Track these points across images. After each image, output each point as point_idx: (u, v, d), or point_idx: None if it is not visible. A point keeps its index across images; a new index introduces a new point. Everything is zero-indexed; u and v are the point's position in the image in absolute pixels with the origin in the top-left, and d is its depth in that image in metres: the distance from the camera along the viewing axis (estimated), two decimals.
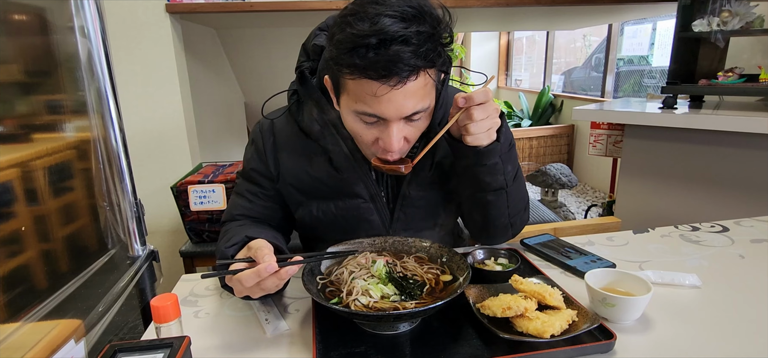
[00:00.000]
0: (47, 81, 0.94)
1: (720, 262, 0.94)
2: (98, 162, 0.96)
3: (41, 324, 0.78)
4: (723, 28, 1.87)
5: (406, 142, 0.81)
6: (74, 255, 0.95)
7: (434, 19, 0.72)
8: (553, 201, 3.98)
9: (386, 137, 0.77)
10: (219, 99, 3.29)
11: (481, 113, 0.77)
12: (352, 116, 0.79)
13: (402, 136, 0.79)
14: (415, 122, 0.80)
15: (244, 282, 0.68)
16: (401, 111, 0.74)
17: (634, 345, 0.67)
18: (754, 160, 1.81)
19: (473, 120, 0.77)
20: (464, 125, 0.78)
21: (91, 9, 0.87)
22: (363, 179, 0.91)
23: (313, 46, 0.92)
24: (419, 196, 0.94)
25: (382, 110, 0.74)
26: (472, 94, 0.76)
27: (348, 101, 0.77)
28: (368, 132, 0.79)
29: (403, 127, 0.78)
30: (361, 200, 0.93)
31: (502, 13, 2.66)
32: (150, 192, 2.21)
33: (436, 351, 0.66)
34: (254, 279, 0.67)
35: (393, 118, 0.75)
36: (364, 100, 0.74)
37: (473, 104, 0.76)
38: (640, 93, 4.63)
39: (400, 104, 0.73)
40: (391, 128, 0.77)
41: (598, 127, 2.47)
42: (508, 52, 7.28)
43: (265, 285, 0.69)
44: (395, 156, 0.82)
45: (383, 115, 0.75)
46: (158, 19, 2.02)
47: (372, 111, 0.75)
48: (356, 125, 0.80)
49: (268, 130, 0.95)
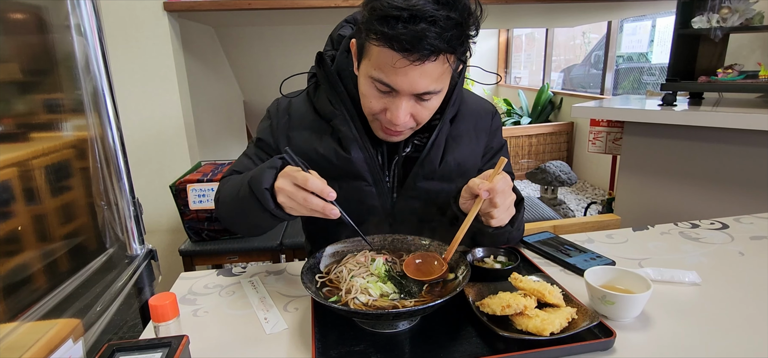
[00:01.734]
0: (44, 80, 0.94)
1: (720, 259, 0.93)
2: (95, 161, 0.96)
3: (39, 324, 0.77)
4: (722, 24, 1.87)
5: (413, 120, 0.84)
6: (72, 254, 0.94)
7: (465, 9, 0.75)
8: (552, 199, 3.98)
9: (394, 109, 0.81)
10: (218, 98, 3.29)
11: (502, 199, 0.80)
12: (368, 81, 0.82)
13: (409, 113, 0.82)
14: (425, 103, 0.82)
15: (309, 183, 0.72)
16: (414, 87, 0.77)
17: (633, 343, 0.67)
18: (754, 157, 1.81)
19: (496, 207, 0.80)
20: (488, 212, 0.81)
21: (87, 7, 0.87)
22: (369, 162, 0.93)
23: (337, 36, 0.97)
24: (424, 188, 0.95)
25: (397, 82, 0.77)
26: (495, 186, 0.78)
27: (367, 66, 0.80)
28: (378, 100, 0.82)
29: (412, 104, 0.81)
30: (364, 182, 0.94)
31: (501, 10, 2.65)
32: (149, 191, 2.21)
33: (435, 349, 0.66)
34: (316, 189, 0.72)
35: (404, 93, 0.79)
36: (382, 69, 0.77)
37: (496, 194, 0.79)
38: (640, 90, 4.63)
39: (414, 80, 0.76)
40: (401, 102, 0.80)
41: (598, 125, 2.47)
42: (507, 49, 7.28)
43: (312, 201, 0.73)
44: (399, 130, 0.85)
45: (396, 86, 0.77)
46: (156, 18, 2.02)
47: (387, 81, 0.78)
48: (369, 90, 0.82)
49: (285, 108, 1.00)
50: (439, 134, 0.94)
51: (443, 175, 0.95)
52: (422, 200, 0.96)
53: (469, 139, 0.98)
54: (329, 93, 0.93)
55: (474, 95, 1.05)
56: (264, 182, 0.78)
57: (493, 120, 1.04)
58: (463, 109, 0.99)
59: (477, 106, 1.03)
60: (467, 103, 1.00)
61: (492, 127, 1.04)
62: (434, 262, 0.79)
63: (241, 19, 2.47)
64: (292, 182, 0.75)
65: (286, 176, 0.76)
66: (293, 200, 0.75)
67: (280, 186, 0.76)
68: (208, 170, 2.02)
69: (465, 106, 0.99)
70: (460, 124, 0.98)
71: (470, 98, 1.03)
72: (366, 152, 0.92)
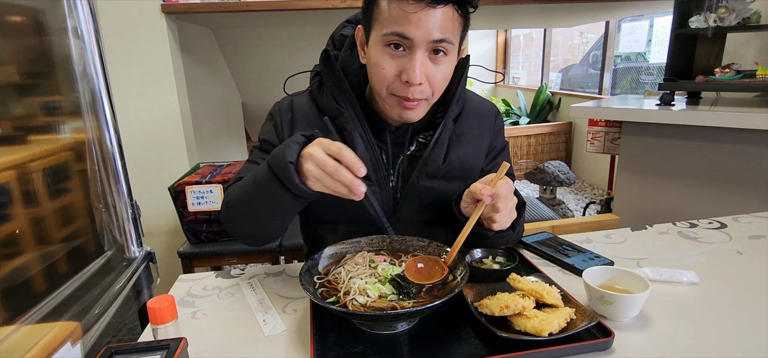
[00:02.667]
0: (42, 83, 0.94)
1: (718, 258, 0.94)
2: (93, 164, 0.96)
3: (38, 327, 0.77)
4: (720, 24, 1.87)
5: (428, 84, 0.83)
6: (70, 257, 0.94)
7: None
8: (551, 199, 3.99)
9: (410, 67, 0.79)
10: (216, 99, 3.29)
11: (505, 204, 0.80)
12: (380, 47, 0.81)
13: (425, 69, 0.81)
14: (439, 64, 0.82)
15: (344, 154, 0.71)
16: (429, 34, 0.77)
17: (632, 343, 0.67)
18: (752, 157, 1.81)
19: (499, 211, 0.80)
20: (490, 216, 0.81)
21: (84, 10, 0.87)
22: (374, 161, 0.92)
23: (339, 37, 0.96)
24: (427, 187, 0.95)
25: (411, 30, 0.77)
26: (498, 191, 0.78)
27: (379, 28, 0.80)
28: (392, 64, 0.81)
29: (426, 62, 0.81)
30: (368, 182, 0.92)
31: (499, 10, 2.66)
32: (147, 193, 2.21)
33: (434, 351, 0.66)
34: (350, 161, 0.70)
35: (420, 42, 0.78)
36: (394, 20, 0.77)
37: (499, 199, 0.79)
38: (638, 90, 4.64)
39: (428, 27, 0.76)
40: (416, 55, 0.79)
41: (596, 125, 2.47)
42: (505, 49, 7.28)
43: (342, 174, 0.71)
44: (415, 94, 0.83)
45: (410, 34, 0.77)
46: (154, 20, 2.02)
47: (401, 30, 0.77)
48: (381, 56, 0.81)
49: (287, 107, 0.98)
50: (443, 132, 0.93)
51: (446, 174, 0.95)
52: (425, 199, 0.96)
53: (473, 139, 0.98)
54: (334, 91, 0.92)
55: (477, 95, 1.06)
56: (288, 155, 0.75)
57: (496, 120, 1.05)
58: (467, 108, 0.99)
59: (480, 106, 1.03)
60: (471, 102, 1.01)
61: (495, 128, 1.04)
62: (435, 266, 0.79)
63: (238, 20, 2.47)
64: (325, 150, 0.72)
65: (318, 144, 0.74)
66: (322, 169, 0.72)
67: (310, 152, 0.73)
68: (206, 172, 2.02)
69: (469, 105, 1.00)
70: (464, 123, 0.98)
71: (473, 98, 1.03)
72: (371, 151, 0.92)
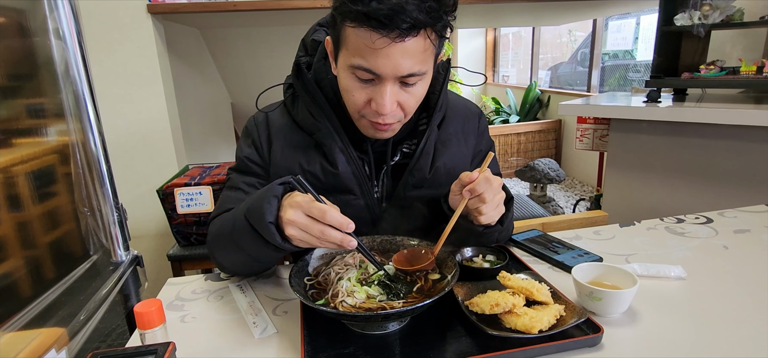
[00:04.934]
0: (25, 85, 0.92)
1: (704, 253, 0.95)
2: (77, 167, 0.94)
3: (22, 333, 0.76)
4: (704, 21, 1.90)
5: (400, 109, 0.80)
6: (56, 262, 0.92)
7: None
8: (541, 196, 4.02)
9: (379, 98, 0.76)
10: (205, 100, 3.26)
11: (491, 194, 0.79)
12: (347, 73, 0.77)
13: (395, 100, 0.77)
14: (411, 88, 0.78)
15: (328, 217, 0.67)
16: (397, 69, 0.73)
17: (621, 338, 0.68)
18: (737, 152, 1.84)
19: (485, 202, 0.79)
20: (476, 208, 0.80)
21: (65, 10, 0.85)
22: (357, 174, 0.90)
23: (311, 41, 0.92)
24: (414, 197, 0.93)
25: (378, 65, 0.72)
26: (476, 186, 0.77)
27: (346, 56, 0.75)
28: (361, 91, 0.77)
29: (397, 90, 0.77)
30: (352, 196, 0.91)
31: (488, 9, 2.67)
32: (135, 196, 2.18)
33: (425, 350, 0.66)
34: (335, 222, 0.67)
35: (388, 76, 0.74)
36: (361, 53, 0.72)
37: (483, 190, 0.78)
38: (625, 87, 4.69)
39: (397, 62, 0.72)
40: (385, 88, 0.75)
41: (585, 122, 2.49)
42: (495, 48, 7.32)
43: (330, 234, 0.68)
44: (387, 122, 0.80)
45: (378, 70, 0.73)
46: (140, 20, 1.99)
47: (368, 65, 0.73)
48: (350, 82, 0.77)
49: (263, 122, 0.95)
50: (428, 141, 0.92)
51: (433, 183, 0.93)
52: (412, 208, 0.94)
53: (458, 142, 0.97)
54: (309, 105, 0.89)
55: (458, 96, 1.04)
56: (267, 216, 0.71)
57: (480, 121, 1.03)
58: (450, 113, 0.97)
59: (463, 107, 1.02)
60: (453, 105, 0.99)
61: (479, 129, 1.03)
62: (422, 251, 0.80)
63: (226, 20, 2.45)
64: (306, 213, 0.69)
65: (298, 207, 0.69)
66: (308, 233, 0.69)
67: (290, 219, 0.69)
68: (195, 174, 2.00)
69: (451, 109, 0.98)
70: (448, 127, 0.96)
71: (455, 100, 1.02)
72: (353, 164, 0.89)
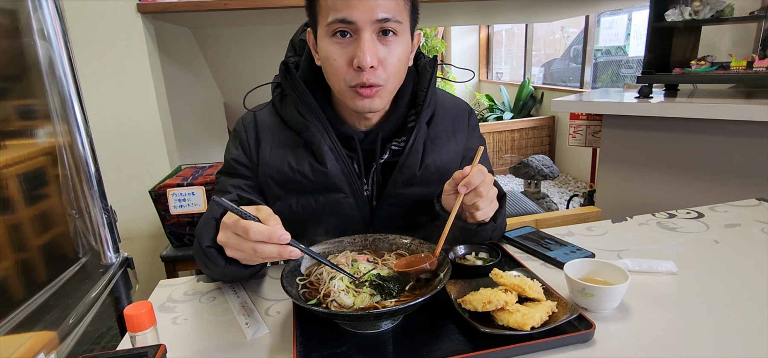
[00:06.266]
0: (13, 86, 0.91)
1: (695, 248, 0.95)
2: (65, 169, 0.93)
3: (11, 337, 0.75)
4: (694, 17, 1.91)
5: (382, 68, 0.80)
6: (45, 265, 0.91)
7: None
8: (535, 192, 4.03)
9: (359, 51, 0.76)
10: (197, 100, 3.23)
11: (486, 188, 0.79)
12: (326, 40, 0.79)
13: (375, 51, 0.78)
14: (390, 45, 0.79)
15: (251, 234, 0.64)
16: (372, 13, 0.75)
17: (613, 333, 0.68)
18: (728, 147, 1.85)
19: (482, 196, 0.79)
20: (473, 203, 0.80)
21: (49, 10, 0.83)
22: (346, 172, 0.90)
23: (299, 41, 0.93)
24: (405, 195, 0.93)
25: (353, 13, 0.74)
26: (471, 178, 0.77)
27: (322, 22, 0.77)
28: (343, 52, 0.79)
29: (376, 42, 0.78)
30: (342, 194, 0.91)
31: (481, 6, 2.67)
32: (127, 197, 2.16)
33: (418, 348, 0.66)
34: (262, 237, 0.65)
35: (364, 24, 0.75)
36: (335, 7, 0.75)
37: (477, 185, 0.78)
38: (618, 83, 4.71)
39: (370, 6, 0.74)
40: (363, 37, 0.76)
41: (578, 118, 2.50)
42: (488, 45, 7.33)
43: (264, 250, 0.65)
44: (370, 80, 0.79)
45: (352, 16, 0.74)
46: (130, 20, 1.97)
47: (342, 15, 0.75)
48: (330, 48, 0.79)
49: (251, 122, 0.95)
50: (417, 138, 0.92)
51: (423, 180, 0.93)
52: (402, 206, 0.94)
53: (448, 140, 0.97)
54: (298, 104, 0.89)
55: (448, 94, 1.04)
56: (204, 240, 0.71)
57: (470, 119, 1.03)
58: (439, 110, 0.97)
59: (452, 105, 1.02)
60: (442, 103, 0.99)
61: (470, 127, 1.03)
62: (421, 255, 0.80)
63: (218, 19, 2.43)
64: (234, 232, 0.67)
65: (227, 228, 0.68)
66: (242, 252, 0.68)
67: (223, 241, 0.69)
68: (188, 174, 1.98)
69: (440, 106, 0.98)
70: (438, 125, 0.96)
71: (445, 98, 1.01)
72: (342, 163, 0.90)
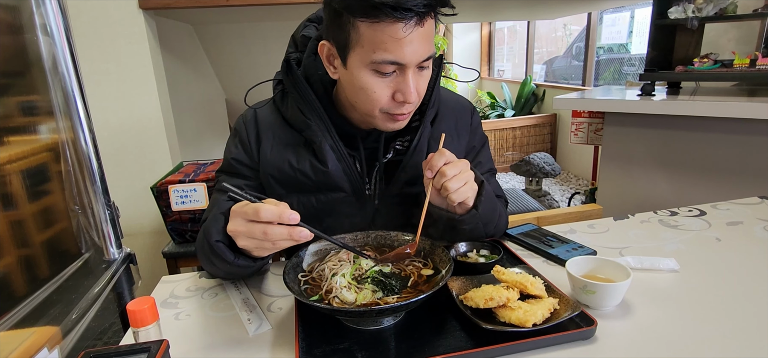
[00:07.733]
0: (16, 82, 0.91)
1: (697, 245, 0.95)
2: (68, 165, 0.93)
3: (14, 333, 0.75)
4: (698, 14, 1.90)
5: (418, 94, 0.82)
6: (48, 260, 0.92)
7: None
8: (537, 190, 4.03)
9: (405, 87, 0.78)
10: (198, 96, 3.24)
11: (452, 169, 0.80)
12: (367, 72, 0.77)
13: (418, 85, 0.80)
14: (423, 72, 0.81)
15: (262, 213, 0.65)
16: (419, 54, 0.76)
17: (614, 330, 0.68)
18: (730, 145, 1.85)
19: (446, 175, 0.80)
20: (443, 185, 0.80)
21: (52, 6, 0.83)
22: (347, 172, 0.90)
23: (301, 38, 0.92)
24: (406, 193, 0.93)
25: (405, 55, 0.74)
26: (432, 161, 0.81)
27: (363, 55, 0.75)
28: (385, 87, 0.78)
29: (417, 75, 0.80)
30: (343, 193, 0.91)
31: (483, 4, 2.66)
32: (129, 193, 2.17)
33: (420, 344, 0.66)
34: (272, 216, 0.65)
35: (411, 64, 0.76)
36: (384, 47, 0.73)
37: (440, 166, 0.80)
38: (620, 81, 4.70)
39: (418, 47, 0.75)
40: (409, 75, 0.77)
41: (579, 116, 2.50)
42: (490, 43, 7.31)
43: (274, 232, 0.66)
44: (410, 108, 0.83)
45: (405, 59, 0.74)
46: (131, 16, 1.97)
47: (394, 57, 0.74)
48: (371, 80, 0.78)
49: (251, 120, 0.94)
50: (421, 137, 0.92)
51: None
52: (405, 205, 0.94)
53: (451, 139, 0.97)
54: (299, 102, 0.88)
55: (450, 93, 1.04)
56: (213, 235, 0.72)
57: (473, 117, 1.03)
58: (442, 109, 0.97)
59: (455, 103, 1.02)
60: (445, 102, 0.99)
61: (472, 125, 1.03)
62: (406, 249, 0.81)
63: (220, 16, 2.43)
64: (244, 218, 0.68)
65: (236, 215, 0.69)
66: (253, 239, 0.68)
67: (233, 229, 0.69)
68: (190, 171, 1.99)
69: (444, 105, 0.98)
70: (441, 124, 0.96)
71: (448, 96, 1.01)
72: (344, 162, 0.89)
